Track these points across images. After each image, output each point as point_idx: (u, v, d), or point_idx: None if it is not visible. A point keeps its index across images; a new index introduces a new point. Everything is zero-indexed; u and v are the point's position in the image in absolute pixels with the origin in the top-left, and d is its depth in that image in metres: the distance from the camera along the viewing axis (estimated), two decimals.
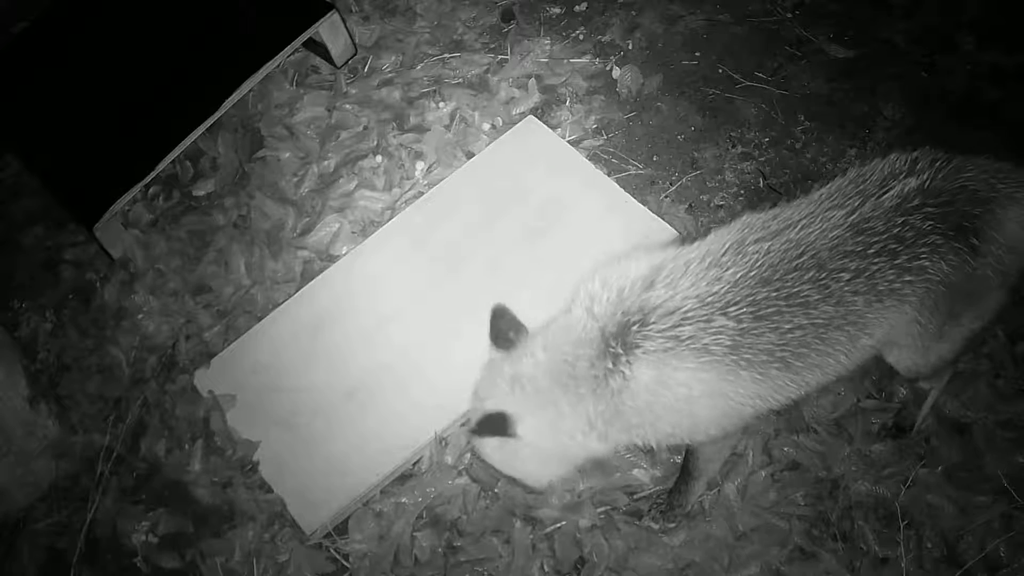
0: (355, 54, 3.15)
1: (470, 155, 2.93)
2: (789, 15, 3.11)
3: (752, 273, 1.77)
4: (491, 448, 1.97)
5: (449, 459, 2.43)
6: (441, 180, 2.87)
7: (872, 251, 1.77)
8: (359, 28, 3.22)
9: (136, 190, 2.79)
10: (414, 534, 2.35)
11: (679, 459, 2.31)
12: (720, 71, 3.03)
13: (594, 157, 2.89)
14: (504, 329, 1.96)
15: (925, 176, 1.82)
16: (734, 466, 2.31)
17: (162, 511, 2.48)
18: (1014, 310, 2.42)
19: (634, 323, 1.77)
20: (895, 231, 1.77)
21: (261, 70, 2.88)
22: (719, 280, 1.78)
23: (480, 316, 2.59)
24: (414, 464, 2.46)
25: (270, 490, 2.45)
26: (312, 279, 2.76)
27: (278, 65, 3.02)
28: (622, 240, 2.67)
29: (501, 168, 2.85)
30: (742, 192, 2.80)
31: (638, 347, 1.77)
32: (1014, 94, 2.82)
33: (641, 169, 2.87)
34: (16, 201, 3.08)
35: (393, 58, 3.18)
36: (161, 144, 2.80)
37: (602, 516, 2.32)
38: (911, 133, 2.82)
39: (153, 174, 2.79)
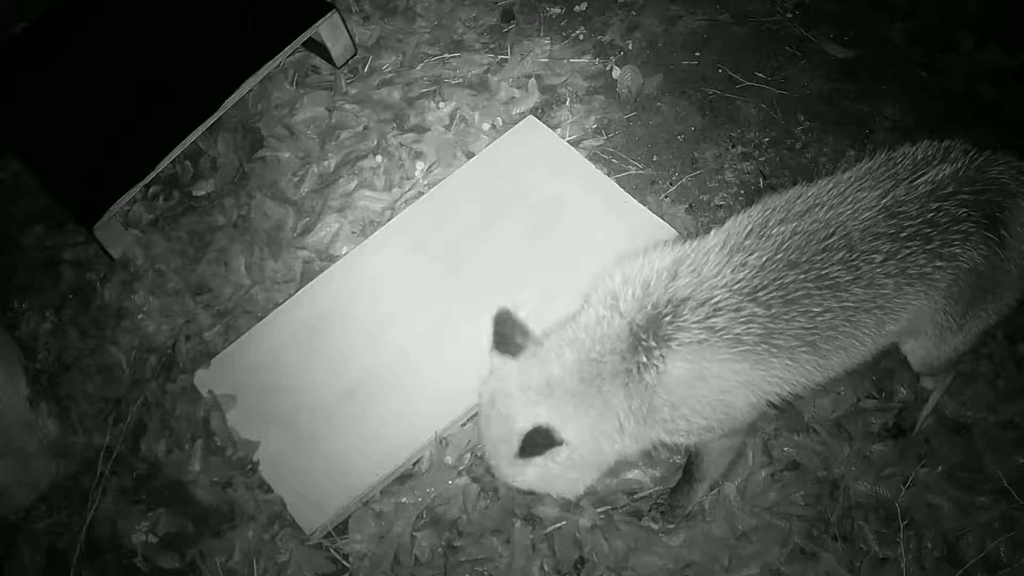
0: (355, 54, 3.15)
1: (470, 155, 2.93)
2: (789, 15, 3.11)
3: (779, 256, 1.75)
4: (532, 469, 1.85)
5: (449, 459, 2.43)
6: (441, 180, 2.87)
7: (905, 234, 1.75)
8: (359, 28, 3.22)
9: (136, 190, 2.79)
10: (414, 534, 2.35)
11: (679, 459, 2.32)
12: (720, 71, 3.03)
13: (594, 157, 2.89)
14: (509, 334, 1.89)
15: (959, 164, 1.80)
16: (734, 466, 2.31)
17: (162, 511, 2.48)
18: (1014, 311, 2.43)
19: (665, 315, 1.74)
20: (929, 216, 1.76)
21: (261, 70, 2.88)
22: (744, 266, 1.75)
23: (480, 316, 2.60)
24: (414, 464, 2.46)
25: (270, 490, 2.45)
26: (312, 279, 2.76)
27: (278, 65, 3.02)
28: (622, 240, 2.67)
29: (501, 168, 2.85)
30: (742, 192, 2.80)
31: (672, 339, 1.73)
32: (1014, 94, 2.82)
33: (641, 169, 2.87)
34: (16, 201, 3.07)
35: (393, 58, 3.18)
36: (161, 144, 2.80)
37: (602, 516, 2.32)
38: (911, 133, 2.82)
39: (153, 174, 2.79)
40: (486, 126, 3.01)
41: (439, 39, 3.21)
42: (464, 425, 2.47)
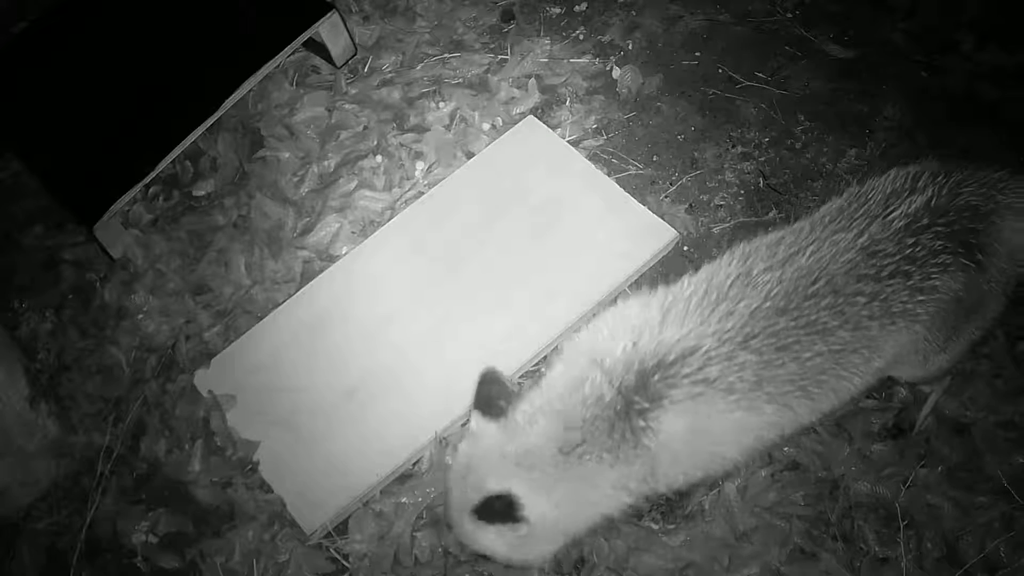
0: (355, 54, 3.15)
1: (470, 155, 2.93)
2: (789, 15, 3.11)
3: (767, 304, 1.74)
4: (493, 535, 1.80)
5: (449, 459, 2.43)
6: (441, 180, 2.87)
7: (885, 273, 1.76)
8: (359, 28, 3.22)
9: (136, 190, 2.79)
10: (414, 534, 2.35)
11: None
12: (720, 71, 3.03)
13: (594, 157, 2.89)
14: (493, 396, 1.82)
15: (929, 193, 1.80)
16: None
17: (162, 511, 2.48)
18: (1014, 310, 2.43)
19: (653, 372, 1.70)
20: (907, 252, 1.76)
21: (261, 70, 2.88)
22: (732, 314, 1.74)
23: (480, 316, 2.61)
24: (414, 464, 2.46)
25: (270, 490, 2.45)
26: (312, 279, 2.76)
27: (278, 65, 3.02)
28: (622, 240, 2.67)
29: (501, 168, 2.85)
30: (742, 192, 2.80)
31: (664, 397, 1.69)
32: (1014, 94, 2.82)
33: (641, 169, 2.87)
34: (16, 201, 3.07)
35: (393, 58, 3.18)
36: (161, 144, 2.80)
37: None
38: (911, 133, 2.82)
39: (153, 174, 2.79)
40: (486, 126, 3.01)
41: (439, 39, 3.20)
42: (464, 425, 2.46)
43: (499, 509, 1.73)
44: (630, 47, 3.12)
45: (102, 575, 2.45)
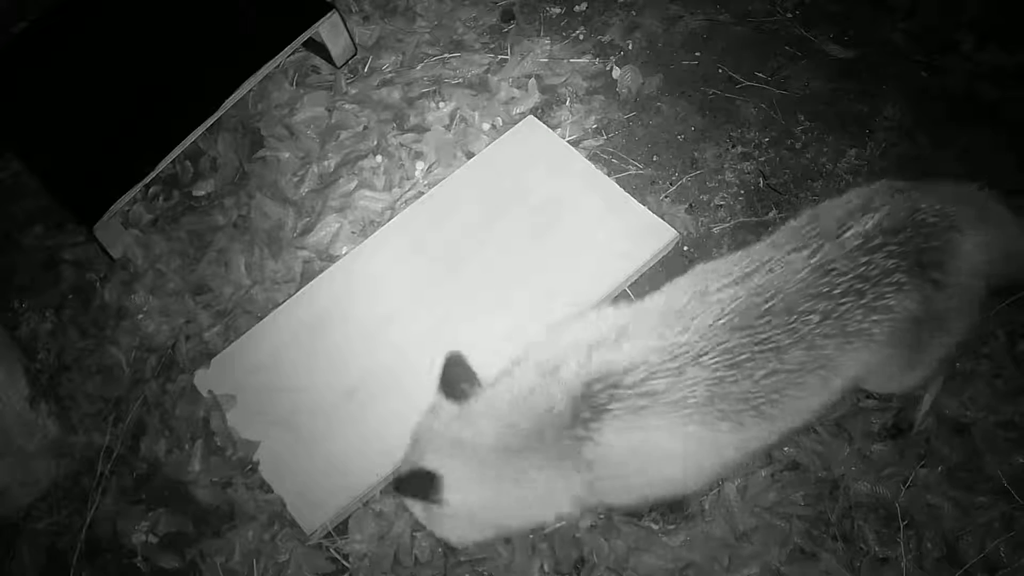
0: (355, 54, 3.15)
1: (470, 155, 2.93)
2: (789, 15, 3.11)
3: (722, 321, 1.74)
4: (418, 506, 1.89)
5: None
6: (441, 180, 2.87)
7: (839, 291, 1.75)
8: (359, 28, 3.22)
9: (136, 190, 2.79)
10: (414, 534, 2.35)
11: None
12: (720, 71, 3.03)
13: (594, 157, 2.89)
14: (457, 378, 1.88)
15: (883, 213, 1.81)
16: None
17: (162, 511, 2.48)
18: (1014, 310, 2.44)
19: (600, 384, 1.72)
20: (860, 271, 1.76)
21: (261, 70, 2.88)
22: (687, 330, 1.75)
23: (480, 316, 2.61)
24: None
25: (270, 490, 2.45)
26: (312, 279, 2.76)
27: (278, 65, 3.02)
28: (622, 240, 2.67)
29: (501, 168, 2.85)
30: (742, 192, 2.80)
31: (608, 410, 1.71)
32: (1014, 94, 2.82)
33: (641, 169, 2.87)
34: (16, 201, 3.07)
35: (393, 58, 3.18)
36: (161, 144, 2.80)
37: (602, 516, 2.32)
38: (911, 133, 2.82)
39: (153, 174, 2.79)
40: (486, 126, 3.01)
41: (439, 39, 3.20)
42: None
43: (419, 484, 1.80)
44: (630, 47, 3.12)
45: (102, 575, 2.45)
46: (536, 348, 1.84)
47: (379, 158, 2.98)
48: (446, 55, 3.16)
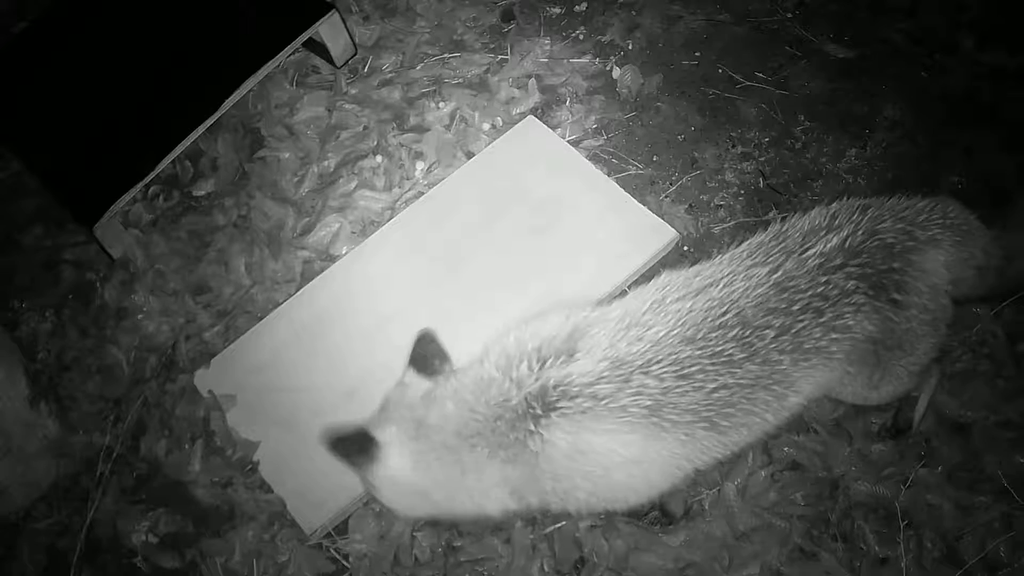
0: (355, 54, 3.15)
1: (470, 155, 2.94)
2: (789, 15, 3.11)
3: (675, 332, 1.74)
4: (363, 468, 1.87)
5: None
6: (441, 180, 2.87)
7: (797, 308, 1.75)
8: (359, 28, 3.22)
9: (136, 190, 2.79)
10: (414, 534, 2.35)
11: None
12: (720, 71, 3.03)
13: (594, 157, 2.89)
14: (428, 356, 1.90)
15: (845, 233, 1.80)
16: (734, 466, 2.31)
17: (162, 511, 2.48)
18: (1014, 310, 2.44)
19: (554, 383, 1.73)
20: (820, 290, 1.76)
21: (261, 70, 2.88)
22: (640, 340, 1.75)
23: (480, 316, 2.60)
24: None
25: (270, 490, 2.45)
26: (312, 279, 2.76)
27: (278, 65, 3.02)
28: (622, 240, 2.67)
29: (501, 168, 2.85)
30: (742, 192, 2.80)
31: (556, 409, 1.72)
32: (1014, 94, 2.82)
33: (641, 169, 2.87)
34: (16, 201, 3.07)
35: (393, 58, 3.18)
36: (161, 144, 2.80)
37: (602, 516, 2.32)
38: (911, 133, 2.82)
39: (153, 174, 2.79)
40: (486, 126, 3.01)
41: (439, 39, 3.20)
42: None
43: (355, 446, 1.81)
44: (630, 47, 3.12)
45: (102, 575, 2.45)
46: (500, 341, 1.85)
47: (379, 158, 2.98)
48: (446, 55, 3.16)
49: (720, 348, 1.73)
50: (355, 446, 1.82)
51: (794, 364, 1.77)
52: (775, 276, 1.78)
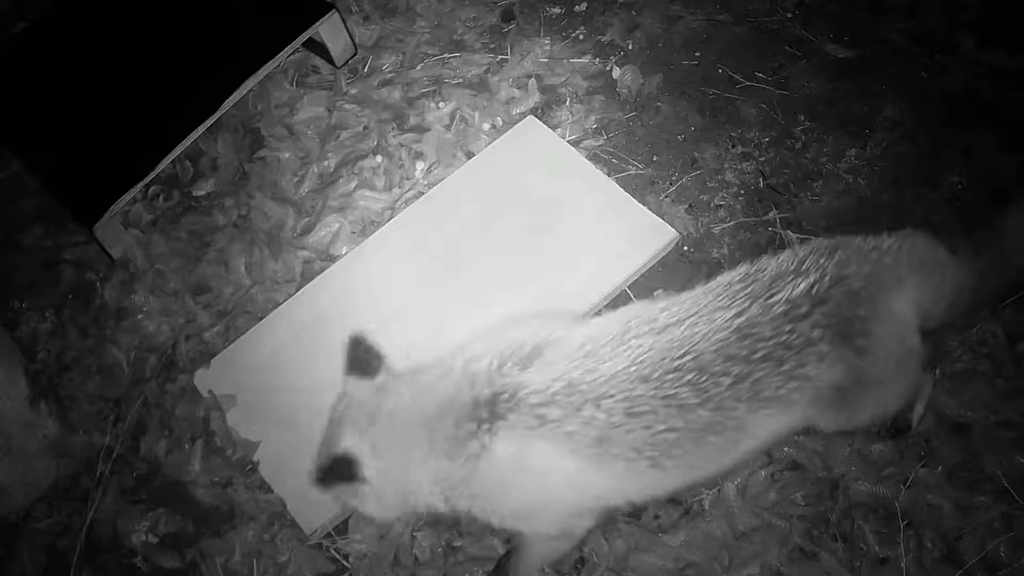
0: (355, 54, 3.15)
1: (470, 155, 2.94)
2: (789, 15, 3.11)
3: (632, 368, 1.73)
4: (346, 492, 1.89)
5: None
6: (441, 180, 2.87)
7: (758, 356, 1.73)
8: (359, 28, 3.22)
9: (136, 190, 2.79)
10: (414, 534, 2.35)
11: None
12: (720, 71, 3.03)
13: (594, 157, 2.89)
14: (363, 358, 1.90)
15: (812, 279, 1.78)
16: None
17: (162, 511, 2.48)
18: (1014, 310, 2.44)
19: (506, 393, 1.73)
20: (783, 339, 1.74)
21: (261, 70, 2.88)
22: (595, 371, 1.74)
23: (480, 316, 2.60)
24: None
25: (270, 490, 2.45)
26: (312, 279, 2.76)
27: (278, 65, 3.02)
28: (622, 240, 2.67)
29: (501, 168, 2.85)
30: (742, 192, 2.80)
31: (502, 419, 1.72)
32: (1014, 94, 2.82)
33: (641, 169, 2.87)
34: (16, 201, 3.07)
35: (393, 58, 3.18)
36: (161, 144, 2.80)
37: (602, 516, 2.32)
38: (911, 133, 2.82)
39: (153, 174, 2.79)
40: (486, 126, 3.01)
41: (439, 39, 3.20)
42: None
43: (341, 469, 1.81)
44: (630, 47, 3.12)
45: (102, 575, 2.45)
46: (465, 343, 1.86)
47: (379, 158, 2.98)
48: (446, 55, 3.16)
49: (674, 392, 1.72)
50: (340, 471, 1.82)
51: (751, 411, 1.75)
52: (738, 321, 1.75)
